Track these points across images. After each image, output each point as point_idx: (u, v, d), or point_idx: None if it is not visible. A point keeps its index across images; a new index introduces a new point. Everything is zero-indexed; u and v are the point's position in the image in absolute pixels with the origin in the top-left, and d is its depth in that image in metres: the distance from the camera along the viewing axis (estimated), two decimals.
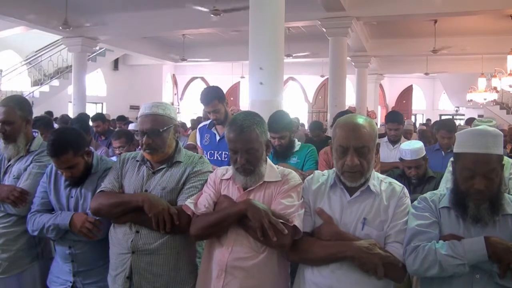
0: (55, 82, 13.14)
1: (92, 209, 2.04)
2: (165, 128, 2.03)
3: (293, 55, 11.74)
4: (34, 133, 2.61)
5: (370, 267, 1.64)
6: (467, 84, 14.31)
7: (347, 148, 1.71)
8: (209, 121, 3.43)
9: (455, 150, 1.75)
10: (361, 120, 1.77)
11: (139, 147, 2.34)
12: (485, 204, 1.64)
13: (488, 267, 1.59)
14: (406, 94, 19.83)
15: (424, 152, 3.30)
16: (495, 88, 12.28)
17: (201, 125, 3.55)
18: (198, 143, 3.45)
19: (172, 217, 1.91)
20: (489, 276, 1.60)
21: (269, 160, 1.94)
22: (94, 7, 9.42)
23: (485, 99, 13.19)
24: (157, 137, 2.01)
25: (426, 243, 1.63)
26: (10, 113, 2.41)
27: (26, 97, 5.62)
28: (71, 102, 10.90)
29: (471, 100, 13.72)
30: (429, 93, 20.46)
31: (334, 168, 1.83)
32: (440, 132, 4.12)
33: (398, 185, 1.83)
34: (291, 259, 1.85)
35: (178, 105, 18.93)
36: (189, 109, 18.73)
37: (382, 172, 2.73)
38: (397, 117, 4.39)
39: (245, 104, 13.11)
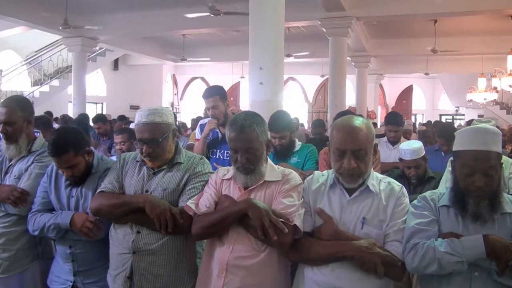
0: (55, 82, 13.14)
1: (93, 209, 2.05)
2: (164, 136, 2.03)
3: (293, 55, 11.75)
4: (36, 133, 2.61)
5: (370, 267, 1.65)
6: (467, 84, 14.30)
7: (344, 151, 1.72)
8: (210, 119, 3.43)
9: (454, 148, 1.76)
10: (357, 122, 1.77)
11: None
12: (485, 201, 1.66)
13: (486, 265, 1.60)
14: (406, 94, 19.80)
15: (424, 152, 3.30)
16: (495, 88, 12.29)
17: (202, 121, 3.56)
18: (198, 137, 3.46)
19: (174, 217, 1.92)
20: (487, 274, 1.62)
21: (269, 160, 1.96)
22: (94, 7, 9.42)
23: (485, 99, 13.19)
24: (157, 146, 2.02)
25: (425, 240, 1.65)
26: (11, 113, 2.40)
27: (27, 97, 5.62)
28: (71, 102, 10.91)
29: (471, 100, 13.72)
30: (429, 93, 20.45)
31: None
32: (439, 140, 4.17)
33: (397, 184, 1.84)
34: (292, 258, 1.87)
35: (178, 105, 18.93)
36: (189, 109, 18.74)
37: (382, 173, 2.74)
38: (396, 119, 4.36)
39: (245, 104, 13.12)
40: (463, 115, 18.53)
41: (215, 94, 3.25)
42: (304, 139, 6.35)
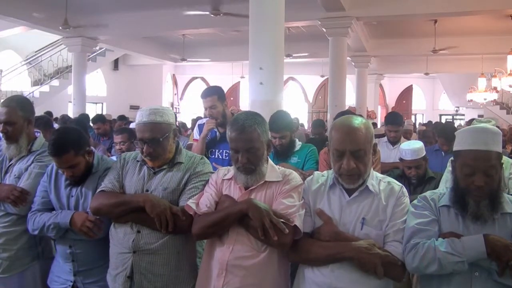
0: (55, 82, 13.13)
1: (93, 208, 2.05)
2: (165, 135, 2.04)
3: (293, 55, 11.74)
4: (36, 133, 2.61)
5: (369, 267, 1.65)
6: (467, 84, 14.31)
7: (343, 152, 1.72)
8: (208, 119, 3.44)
9: (455, 148, 1.77)
10: (356, 122, 1.76)
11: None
12: (485, 201, 1.66)
13: (487, 265, 1.60)
14: (406, 94, 19.81)
15: (424, 152, 3.30)
16: (495, 88, 12.29)
17: (200, 121, 3.57)
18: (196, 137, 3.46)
19: (175, 216, 1.93)
20: (488, 274, 1.62)
21: (270, 160, 1.96)
22: (94, 7, 9.42)
23: (485, 99, 13.19)
24: (157, 145, 2.02)
25: (426, 240, 1.64)
26: (11, 113, 2.41)
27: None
28: (71, 102, 10.90)
29: (471, 100, 13.72)
30: (429, 93, 20.44)
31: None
32: (440, 139, 4.17)
33: (396, 184, 1.83)
34: (292, 259, 1.87)
35: (178, 105, 18.94)
36: (189, 109, 18.74)
37: (382, 173, 2.74)
38: (396, 119, 4.36)
39: (245, 104, 13.11)
40: (463, 115, 18.53)
41: (213, 94, 3.27)
42: (304, 139, 6.35)
